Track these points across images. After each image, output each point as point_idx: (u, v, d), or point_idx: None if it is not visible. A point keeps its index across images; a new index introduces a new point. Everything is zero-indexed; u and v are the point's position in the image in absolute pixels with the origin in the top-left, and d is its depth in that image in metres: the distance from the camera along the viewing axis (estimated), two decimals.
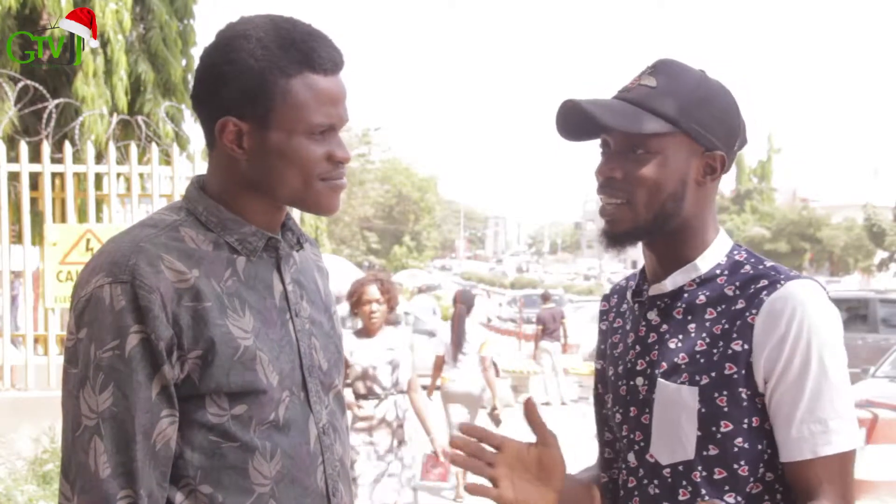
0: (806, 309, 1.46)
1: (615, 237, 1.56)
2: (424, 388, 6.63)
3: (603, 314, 1.77)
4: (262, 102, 1.41)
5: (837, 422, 1.46)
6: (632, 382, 1.59)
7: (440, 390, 7.62)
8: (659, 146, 1.50)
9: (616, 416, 1.62)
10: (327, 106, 1.43)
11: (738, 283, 1.53)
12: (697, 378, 1.49)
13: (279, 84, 1.40)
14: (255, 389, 1.40)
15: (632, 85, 1.55)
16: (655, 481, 1.52)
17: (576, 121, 1.53)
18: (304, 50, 1.41)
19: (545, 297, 15.54)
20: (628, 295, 1.66)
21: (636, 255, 1.76)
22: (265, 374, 1.41)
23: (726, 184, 53.32)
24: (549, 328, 13.94)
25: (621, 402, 1.61)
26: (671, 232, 1.55)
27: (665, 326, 1.56)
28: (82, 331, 1.36)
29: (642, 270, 1.65)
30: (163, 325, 1.35)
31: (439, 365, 7.57)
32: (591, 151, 1.58)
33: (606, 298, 1.79)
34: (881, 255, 42.28)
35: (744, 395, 1.48)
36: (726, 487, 1.48)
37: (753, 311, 1.47)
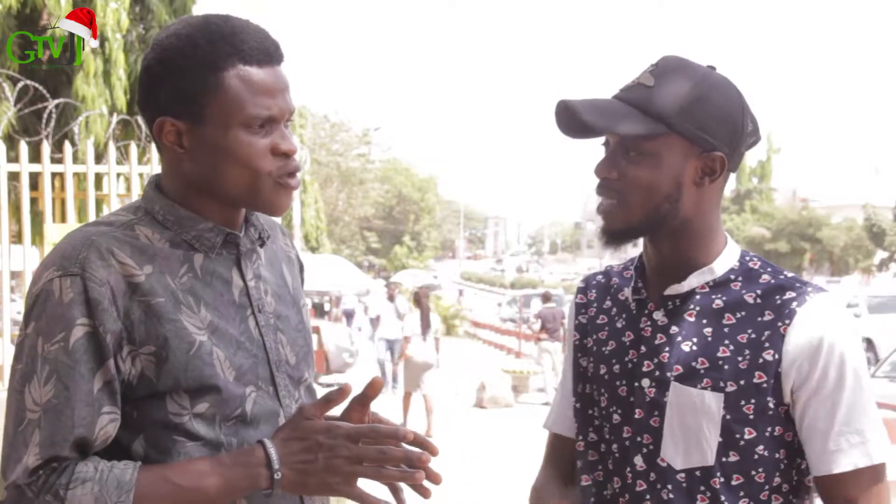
0: (837, 323, 1.48)
1: (611, 236, 1.55)
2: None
3: (581, 307, 1.72)
4: (194, 99, 1.39)
5: (874, 433, 1.47)
6: (636, 384, 1.55)
7: (406, 360, 10.97)
8: (652, 148, 1.49)
9: (614, 416, 1.58)
10: (262, 97, 1.40)
11: (759, 292, 1.52)
12: (722, 385, 1.48)
13: (209, 79, 1.38)
14: (213, 385, 1.39)
15: (631, 84, 1.53)
16: (669, 486, 1.50)
17: (570, 120, 1.52)
18: (234, 42, 1.39)
19: (546, 297, 15.54)
20: (626, 292, 1.63)
21: (630, 252, 1.75)
22: (221, 369, 1.40)
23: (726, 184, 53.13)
24: (549, 328, 13.94)
25: (621, 403, 1.57)
26: (672, 233, 1.53)
27: (675, 328, 1.53)
28: (30, 325, 1.35)
29: (638, 268, 1.63)
30: (111, 319, 1.34)
31: (407, 342, 11.06)
32: (591, 151, 1.58)
33: (583, 291, 1.74)
34: (881, 255, 42.28)
35: (770, 405, 1.47)
36: (741, 493, 1.48)
37: (786, 322, 1.47)
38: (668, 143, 1.49)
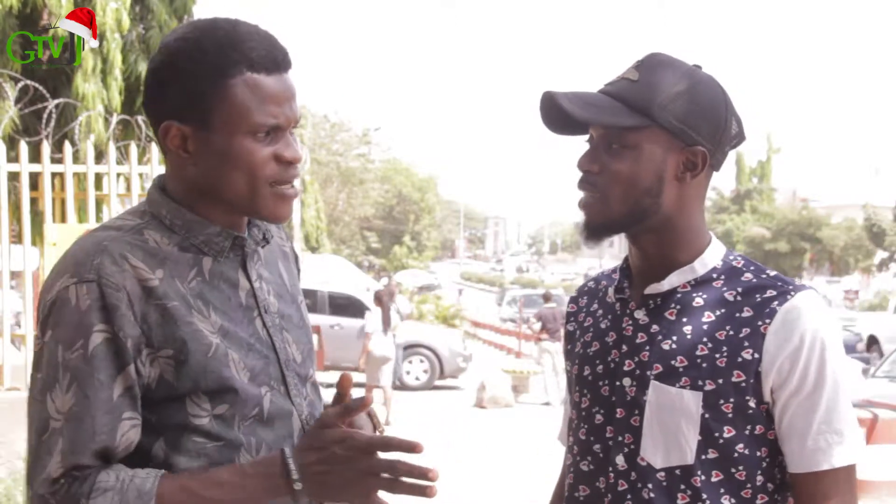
0: (818, 321, 1.47)
1: (591, 230, 1.55)
2: None
3: (570, 316, 1.74)
4: (201, 104, 1.39)
5: (852, 434, 1.47)
6: (617, 383, 1.55)
7: (368, 354, 11.71)
8: (634, 140, 1.49)
9: (596, 417, 1.58)
10: (269, 105, 1.40)
11: (739, 290, 1.51)
12: (700, 383, 1.47)
13: (217, 85, 1.38)
14: (231, 387, 1.39)
15: (616, 78, 1.54)
16: (650, 485, 1.50)
17: (556, 114, 1.52)
18: (243, 50, 1.39)
19: (546, 297, 15.54)
20: (610, 292, 1.63)
21: (611, 248, 1.75)
22: (237, 371, 1.41)
23: (726, 184, 53.27)
24: (550, 328, 13.94)
25: (604, 402, 1.57)
26: (654, 229, 1.53)
27: (655, 327, 1.53)
28: (48, 333, 1.35)
29: (624, 268, 1.63)
30: (130, 324, 1.34)
31: (369, 338, 11.73)
32: (584, 143, 1.57)
33: (574, 301, 1.76)
34: (881, 255, 42.26)
35: (751, 404, 1.47)
36: (722, 490, 1.48)
37: (766, 321, 1.47)
38: (650, 136, 1.49)
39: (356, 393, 1.47)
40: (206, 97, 1.39)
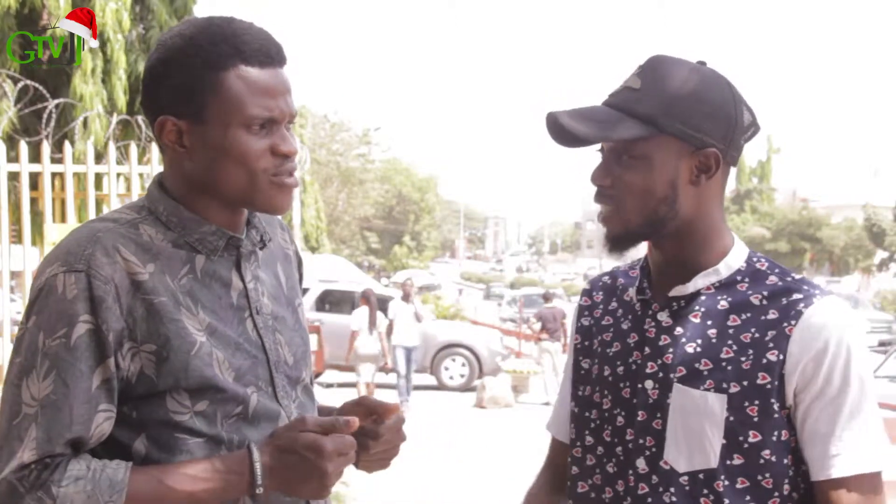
0: (844, 326, 1.46)
1: (613, 243, 1.54)
2: None
3: (585, 309, 1.71)
4: (195, 98, 1.40)
5: (877, 440, 1.45)
6: (639, 385, 1.53)
7: (354, 352, 11.98)
8: (643, 151, 1.47)
9: (617, 419, 1.56)
10: (263, 98, 1.41)
11: (765, 294, 1.50)
12: (725, 386, 1.46)
13: (210, 78, 1.40)
14: (213, 385, 1.40)
15: (619, 88, 1.52)
16: (672, 489, 1.48)
17: (562, 131, 1.50)
18: (236, 43, 1.41)
19: (546, 297, 15.54)
20: (631, 292, 1.62)
21: (635, 256, 1.74)
22: (220, 370, 1.41)
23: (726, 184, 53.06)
24: (550, 328, 13.93)
25: (625, 404, 1.56)
26: (674, 234, 1.52)
27: (679, 329, 1.52)
28: (31, 319, 1.36)
29: (644, 268, 1.61)
30: (115, 317, 1.34)
31: (355, 336, 11.98)
32: (591, 150, 1.57)
33: (588, 294, 1.73)
34: (881, 255, 42.30)
35: (775, 407, 1.45)
36: (748, 497, 1.46)
37: (792, 322, 1.45)
38: (659, 145, 1.47)
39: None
40: (199, 91, 1.40)
